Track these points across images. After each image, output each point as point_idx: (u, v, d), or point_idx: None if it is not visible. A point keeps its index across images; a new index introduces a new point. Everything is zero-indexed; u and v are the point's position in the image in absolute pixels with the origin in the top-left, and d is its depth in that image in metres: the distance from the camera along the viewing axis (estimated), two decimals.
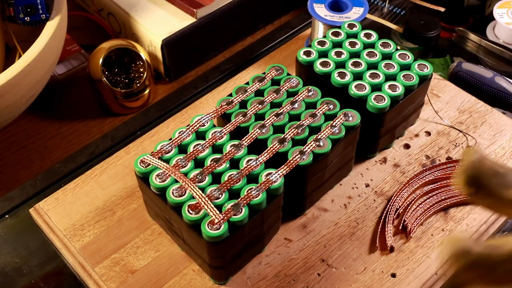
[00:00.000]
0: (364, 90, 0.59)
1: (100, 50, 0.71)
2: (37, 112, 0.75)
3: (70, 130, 0.74)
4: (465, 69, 0.75)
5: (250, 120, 0.57)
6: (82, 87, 0.77)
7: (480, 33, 0.83)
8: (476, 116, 0.70)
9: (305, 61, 0.63)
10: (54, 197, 0.63)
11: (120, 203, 0.62)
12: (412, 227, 0.59)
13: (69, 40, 0.81)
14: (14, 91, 0.60)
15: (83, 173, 0.65)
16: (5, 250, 0.60)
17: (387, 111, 0.59)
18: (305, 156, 0.53)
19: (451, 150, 0.66)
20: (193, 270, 0.57)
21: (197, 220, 0.49)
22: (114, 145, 0.70)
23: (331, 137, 0.55)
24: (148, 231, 0.60)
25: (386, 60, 0.63)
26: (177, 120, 0.71)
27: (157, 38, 0.74)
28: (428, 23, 0.81)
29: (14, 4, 0.64)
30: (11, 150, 0.71)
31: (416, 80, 0.61)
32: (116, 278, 0.56)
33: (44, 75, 0.65)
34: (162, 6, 0.79)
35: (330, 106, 0.58)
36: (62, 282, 0.58)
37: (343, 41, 0.65)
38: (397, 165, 0.65)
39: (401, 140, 0.68)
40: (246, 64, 0.79)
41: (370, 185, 0.64)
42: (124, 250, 0.58)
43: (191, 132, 0.56)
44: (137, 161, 0.53)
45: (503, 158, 0.65)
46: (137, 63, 0.73)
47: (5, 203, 0.64)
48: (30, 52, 0.60)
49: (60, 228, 0.60)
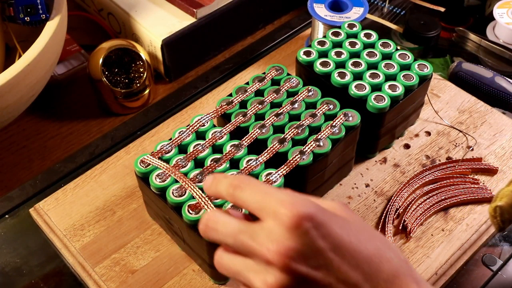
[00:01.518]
0: (364, 90, 0.59)
1: (100, 50, 0.71)
2: (37, 112, 0.75)
3: (70, 130, 0.74)
4: (465, 69, 0.75)
5: (250, 120, 0.57)
6: (82, 87, 0.77)
7: (480, 33, 0.83)
8: (476, 116, 0.70)
9: (305, 61, 0.63)
10: (54, 197, 0.63)
11: (120, 203, 0.62)
12: (412, 227, 0.59)
13: (69, 40, 0.81)
14: (14, 91, 0.60)
15: (83, 173, 0.65)
16: (5, 250, 0.60)
17: (387, 111, 0.59)
18: (305, 156, 0.53)
19: (451, 150, 0.66)
20: (193, 270, 0.57)
21: (197, 220, 0.49)
22: (114, 145, 0.70)
23: (331, 137, 0.55)
24: (148, 231, 0.60)
25: (386, 60, 0.63)
26: (177, 120, 0.71)
27: (157, 38, 0.74)
28: (428, 23, 0.81)
29: (14, 4, 0.64)
30: (11, 150, 0.71)
31: (416, 80, 0.61)
32: (116, 278, 0.56)
33: (44, 75, 0.65)
34: (162, 6, 0.79)
35: (330, 106, 0.58)
36: (62, 282, 0.58)
37: (343, 41, 0.65)
38: (397, 165, 0.65)
39: (401, 140, 0.68)
40: (246, 64, 0.79)
41: (370, 185, 0.64)
42: (124, 250, 0.58)
43: (191, 132, 0.56)
44: (137, 161, 0.53)
45: (503, 158, 0.65)
46: (137, 63, 0.73)
47: (5, 203, 0.64)
48: (30, 52, 0.60)
49: (60, 228, 0.60)
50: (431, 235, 0.59)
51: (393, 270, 0.38)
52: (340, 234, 0.37)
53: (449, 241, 0.59)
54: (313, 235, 0.36)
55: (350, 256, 0.37)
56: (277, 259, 0.35)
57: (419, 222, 0.60)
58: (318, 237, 0.36)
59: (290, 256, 0.35)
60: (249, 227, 0.37)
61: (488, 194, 0.61)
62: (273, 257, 0.35)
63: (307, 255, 0.36)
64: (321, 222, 0.36)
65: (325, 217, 0.37)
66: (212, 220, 0.39)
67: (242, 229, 0.38)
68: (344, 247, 0.37)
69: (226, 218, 0.39)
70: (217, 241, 0.39)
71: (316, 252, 0.36)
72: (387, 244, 0.40)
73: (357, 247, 0.37)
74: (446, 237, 0.59)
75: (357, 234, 0.38)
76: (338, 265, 0.36)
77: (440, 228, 0.60)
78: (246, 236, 0.37)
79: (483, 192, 0.62)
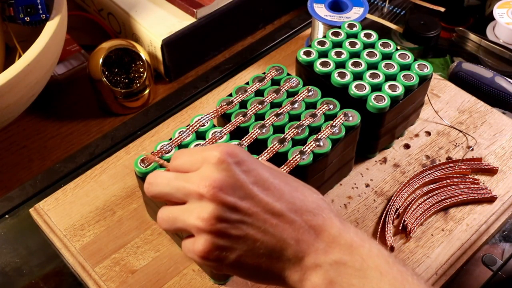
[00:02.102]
0: (364, 90, 0.59)
1: (100, 50, 0.71)
2: (37, 112, 0.75)
3: (70, 130, 0.74)
4: (465, 69, 0.75)
5: (250, 120, 0.57)
6: (82, 87, 0.77)
7: (480, 33, 0.83)
8: (476, 116, 0.70)
9: (305, 61, 0.63)
10: (54, 197, 0.63)
11: (120, 203, 0.62)
12: (412, 227, 0.59)
13: (69, 40, 0.81)
14: (14, 91, 0.60)
15: (83, 173, 0.65)
16: (5, 250, 0.60)
17: (387, 111, 0.59)
18: (305, 156, 0.53)
19: (451, 150, 0.66)
20: (193, 270, 0.57)
21: None
22: (114, 145, 0.70)
23: (331, 137, 0.55)
24: (148, 231, 0.60)
25: (386, 60, 0.63)
26: (177, 120, 0.71)
27: (157, 38, 0.74)
28: (428, 23, 0.81)
29: (14, 4, 0.64)
30: (11, 150, 0.71)
31: (416, 80, 0.61)
32: (116, 278, 0.56)
33: (44, 75, 0.65)
34: (162, 6, 0.79)
35: (330, 106, 0.58)
36: (62, 282, 0.58)
37: (343, 41, 0.65)
38: (397, 165, 0.65)
39: (401, 140, 0.68)
40: (246, 64, 0.79)
41: (370, 185, 0.64)
42: (124, 250, 0.58)
43: (191, 132, 0.56)
44: (137, 161, 0.53)
45: (503, 158, 0.65)
46: (137, 63, 0.73)
47: (5, 203, 0.64)
48: (30, 52, 0.60)
49: (60, 228, 0.60)
50: (431, 235, 0.59)
51: (316, 204, 0.43)
52: (261, 172, 0.42)
53: (449, 241, 0.59)
54: (235, 169, 0.41)
55: (272, 190, 0.42)
56: (206, 191, 0.40)
57: (419, 222, 0.60)
58: (240, 171, 0.41)
59: (218, 187, 0.40)
60: (184, 175, 0.42)
61: (488, 194, 0.61)
62: (203, 189, 0.40)
63: (232, 187, 0.40)
64: (243, 159, 0.42)
65: (247, 157, 0.42)
66: (152, 176, 0.44)
67: (178, 176, 0.43)
68: (265, 183, 0.42)
69: (164, 173, 0.44)
70: (159, 196, 0.44)
71: (240, 185, 0.41)
72: (308, 186, 0.45)
73: (278, 185, 0.42)
74: (446, 237, 0.59)
75: (279, 176, 0.43)
76: (261, 197, 0.41)
77: (440, 228, 0.60)
78: (181, 180, 0.42)
79: (483, 192, 0.62)
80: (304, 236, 0.41)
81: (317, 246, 0.41)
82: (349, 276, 0.40)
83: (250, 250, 0.41)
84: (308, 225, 0.41)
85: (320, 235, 0.41)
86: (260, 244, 0.41)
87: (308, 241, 0.41)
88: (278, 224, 0.41)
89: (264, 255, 0.41)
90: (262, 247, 0.41)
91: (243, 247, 0.41)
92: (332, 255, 0.40)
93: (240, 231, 0.40)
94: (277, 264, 0.41)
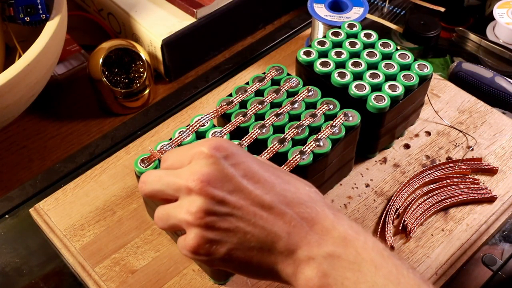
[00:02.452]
0: (364, 90, 0.59)
1: (100, 50, 0.71)
2: (37, 112, 0.75)
3: (70, 130, 0.74)
4: (465, 69, 0.75)
5: (250, 120, 0.57)
6: (82, 87, 0.77)
7: (480, 33, 0.83)
8: (476, 116, 0.70)
9: (305, 61, 0.63)
10: (54, 197, 0.63)
11: (120, 203, 0.62)
12: (412, 227, 0.59)
13: (69, 40, 0.81)
14: (14, 91, 0.60)
15: (83, 173, 0.65)
16: (5, 250, 0.60)
17: (387, 111, 0.59)
18: (305, 156, 0.53)
19: (451, 150, 0.66)
20: (193, 270, 0.57)
21: None
22: (114, 145, 0.70)
23: (331, 137, 0.55)
24: (148, 231, 0.60)
25: (386, 60, 0.63)
26: (177, 120, 0.71)
27: (157, 38, 0.74)
28: (428, 23, 0.81)
29: (14, 4, 0.64)
30: (11, 150, 0.71)
31: (416, 80, 0.61)
32: (116, 278, 0.56)
33: (44, 75, 0.65)
34: (162, 6, 0.79)
35: (330, 106, 0.58)
36: (62, 282, 0.58)
37: (343, 41, 0.65)
38: (397, 165, 0.65)
39: (401, 140, 0.68)
40: (246, 64, 0.79)
41: (370, 185, 0.64)
42: (124, 250, 0.58)
43: (191, 132, 0.56)
44: (137, 161, 0.53)
45: (503, 158, 0.65)
46: (137, 63, 0.73)
47: (5, 203, 0.64)
48: (30, 52, 0.60)
49: (60, 228, 0.60)
50: (431, 235, 0.59)
51: (308, 197, 0.42)
52: (251, 165, 0.42)
53: (449, 241, 0.59)
54: (223, 163, 0.41)
55: (262, 183, 0.42)
56: (195, 185, 0.40)
57: (419, 222, 0.60)
58: (229, 165, 0.41)
59: (206, 180, 0.40)
60: (174, 171, 0.43)
61: (488, 194, 0.61)
62: (191, 183, 0.40)
63: (221, 180, 0.41)
64: (232, 152, 0.42)
65: (236, 150, 0.43)
66: (145, 175, 0.45)
67: (168, 173, 0.43)
68: (255, 176, 0.42)
69: (155, 171, 0.45)
70: (152, 194, 0.44)
71: (229, 178, 0.41)
72: (300, 180, 0.44)
73: (269, 177, 0.42)
74: (446, 237, 0.59)
75: (270, 169, 0.44)
76: (251, 189, 0.41)
77: (440, 228, 0.60)
78: (171, 176, 0.42)
79: (483, 192, 0.62)
80: (296, 229, 0.40)
81: (310, 238, 0.40)
82: (343, 269, 0.39)
83: (240, 243, 0.41)
84: (300, 217, 0.41)
85: (313, 227, 0.41)
86: (251, 237, 0.40)
87: (300, 233, 0.40)
88: (268, 217, 0.41)
89: (255, 248, 0.41)
90: (253, 240, 0.41)
91: (233, 240, 0.41)
92: (326, 248, 0.40)
93: (229, 224, 0.40)
94: (269, 257, 0.41)
